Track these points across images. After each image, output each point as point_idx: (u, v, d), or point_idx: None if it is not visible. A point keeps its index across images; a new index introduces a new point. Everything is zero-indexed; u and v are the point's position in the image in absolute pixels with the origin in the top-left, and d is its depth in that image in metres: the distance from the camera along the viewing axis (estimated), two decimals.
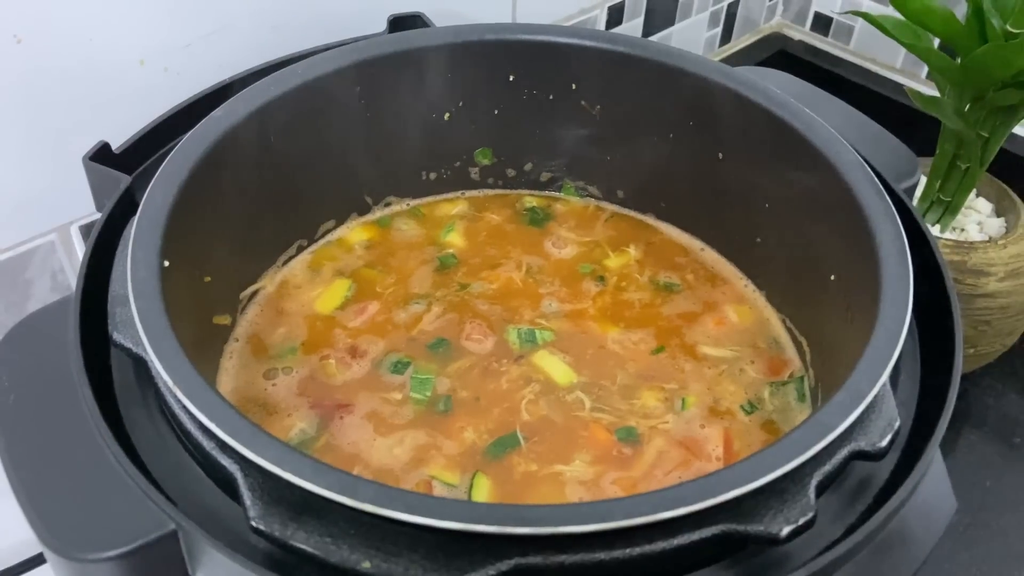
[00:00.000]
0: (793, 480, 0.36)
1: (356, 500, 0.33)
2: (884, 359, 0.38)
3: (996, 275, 0.67)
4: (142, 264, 0.41)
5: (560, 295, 0.57)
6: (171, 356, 0.38)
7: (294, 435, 0.48)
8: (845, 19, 0.99)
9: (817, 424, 0.36)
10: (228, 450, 0.36)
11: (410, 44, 0.56)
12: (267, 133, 0.51)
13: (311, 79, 0.53)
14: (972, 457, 0.72)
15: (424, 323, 0.54)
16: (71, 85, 0.54)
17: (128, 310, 0.40)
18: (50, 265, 0.59)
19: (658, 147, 0.59)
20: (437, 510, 0.33)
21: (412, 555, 0.34)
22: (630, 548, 0.34)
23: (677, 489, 0.34)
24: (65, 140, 0.55)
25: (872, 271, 0.43)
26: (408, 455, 0.47)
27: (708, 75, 0.54)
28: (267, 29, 0.60)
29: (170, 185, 0.45)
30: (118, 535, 0.35)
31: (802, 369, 0.53)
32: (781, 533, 0.34)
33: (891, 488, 0.38)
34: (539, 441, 0.48)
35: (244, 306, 0.54)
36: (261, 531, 0.34)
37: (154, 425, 0.41)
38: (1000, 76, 0.61)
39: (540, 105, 0.60)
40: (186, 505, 0.37)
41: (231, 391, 0.50)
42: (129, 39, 0.55)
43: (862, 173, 0.47)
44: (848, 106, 0.60)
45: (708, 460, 0.48)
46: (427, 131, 0.59)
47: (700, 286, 0.58)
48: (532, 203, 0.64)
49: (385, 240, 0.60)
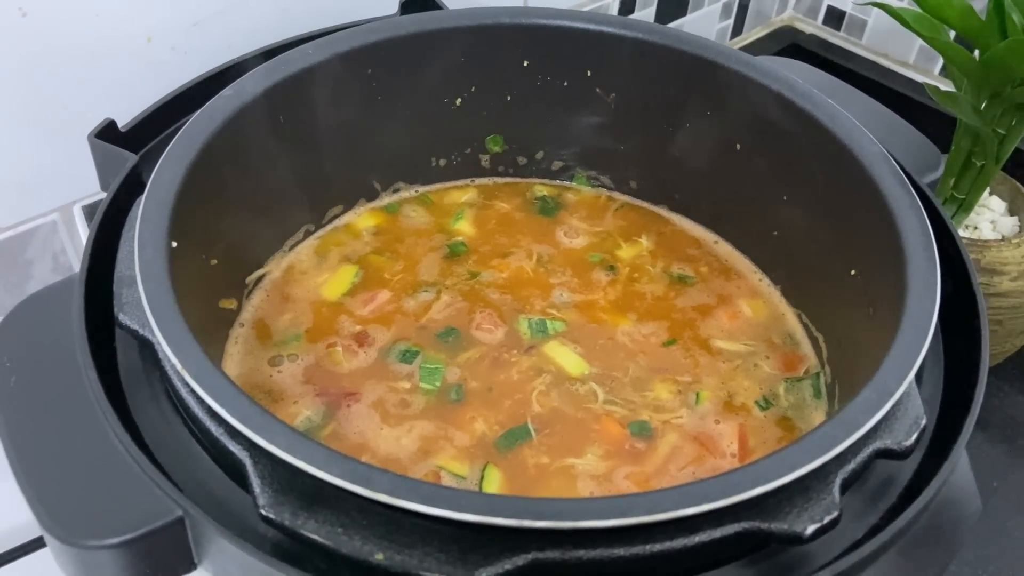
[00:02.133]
0: (818, 478, 0.35)
1: (370, 490, 0.32)
2: (912, 356, 0.37)
3: (1009, 274, 0.66)
4: (149, 244, 0.40)
5: (571, 285, 0.56)
6: (179, 338, 0.37)
7: (300, 423, 0.47)
8: (858, 13, 0.98)
9: (843, 421, 0.35)
10: (238, 436, 0.35)
11: (422, 27, 0.54)
12: (276, 114, 0.50)
13: (321, 60, 0.51)
14: (978, 458, 0.71)
15: (433, 312, 0.53)
16: (77, 61, 0.53)
17: (135, 291, 0.39)
18: (51, 246, 0.58)
19: (673, 137, 0.58)
20: (453, 501, 0.32)
21: (426, 547, 0.33)
22: (650, 544, 0.34)
23: (700, 485, 0.33)
24: (69, 118, 0.54)
25: (897, 266, 0.42)
26: (416, 445, 0.46)
27: (728, 63, 0.53)
28: (277, 9, 0.59)
29: (179, 164, 0.44)
30: (122, 522, 0.34)
31: (818, 365, 0.52)
32: (805, 532, 0.34)
33: (915, 487, 0.38)
34: (550, 433, 0.47)
35: (250, 291, 0.53)
36: (271, 520, 0.33)
37: (160, 410, 0.40)
38: (1019, 72, 0.60)
39: (554, 92, 0.58)
40: (193, 492, 0.36)
41: (236, 377, 0.49)
42: (137, 16, 0.54)
43: (887, 166, 0.46)
44: (868, 98, 0.59)
45: (723, 456, 0.47)
46: (438, 116, 0.58)
47: (714, 279, 0.57)
48: (543, 192, 0.63)
49: (393, 227, 0.59)
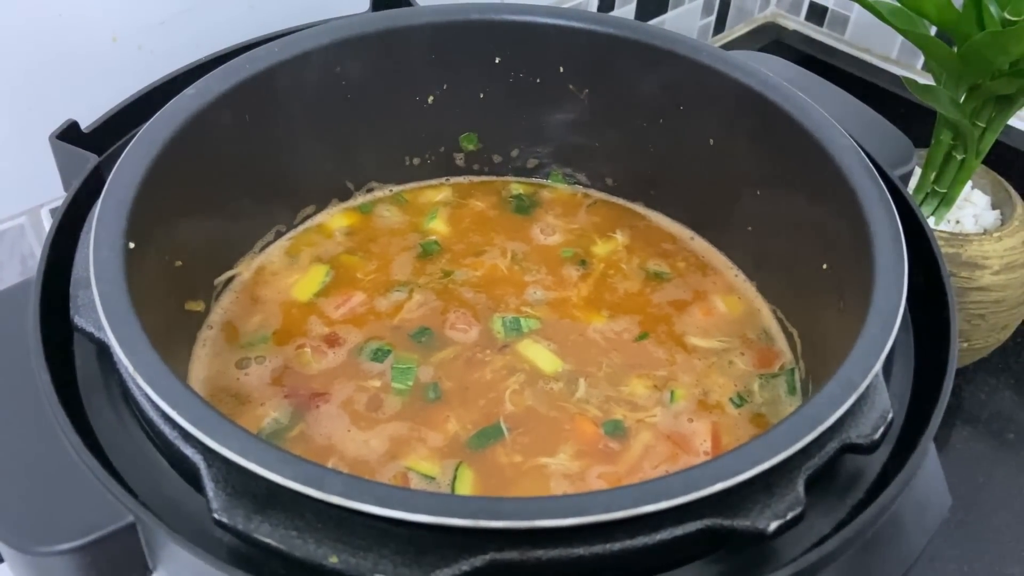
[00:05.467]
0: (781, 473, 0.34)
1: (323, 492, 0.31)
2: (877, 349, 0.37)
3: (991, 268, 0.66)
4: (105, 245, 0.39)
5: (546, 283, 0.55)
6: (133, 341, 0.36)
7: (267, 424, 0.46)
8: (840, 9, 0.98)
9: (807, 415, 0.35)
10: (191, 440, 0.34)
11: (392, 23, 0.54)
12: (242, 113, 0.50)
13: (288, 58, 0.51)
14: (964, 453, 0.71)
15: (406, 312, 0.53)
16: (42, 62, 0.52)
17: (90, 293, 0.38)
18: (19, 249, 0.57)
19: (647, 133, 0.57)
20: (407, 502, 0.31)
21: (382, 550, 0.32)
22: (611, 543, 0.33)
23: (660, 482, 0.33)
24: (34, 120, 0.53)
25: (865, 258, 0.42)
26: (385, 447, 0.46)
27: (699, 58, 0.53)
28: (245, 7, 0.59)
29: (138, 164, 0.43)
30: (73, 527, 0.34)
31: (793, 361, 0.51)
32: (768, 528, 0.33)
33: (883, 483, 0.37)
34: (523, 432, 0.47)
35: (219, 292, 0.53)
36: (224, 524, 0.33)
37: (117, 414, 0.39)
38: (997, 64, 0.60)
39: (527, 89, 0.58)
40: (147, 497, 0.36)
41: (203, 380, 0.48)
42: (101, 15, 0.53)
43: (856, 158, 0.46)
44: (843, 92, 0.58)
45: (696, 455, 0.46)
46: (410, 114, 0.58)
47: (690, 274, 0.57)
48: (518, 190, 0.62)
49: (366, 226, 0.58)
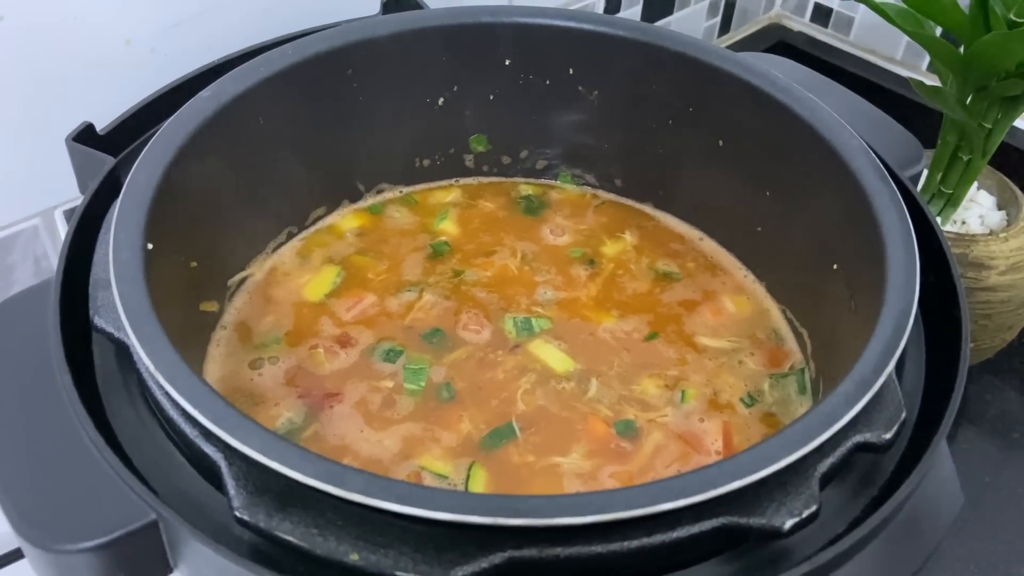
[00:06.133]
0: (797, 472, 0.34)
1: (344, 490, 0.32)
2: (891, 348, 0.37)
3: (997, 268, 0.66)
4: (125, 246, 0.39)
5: (556, 283, 0.56)
6: (153, 341, 0.36)
7: (281, 425, 0.47)
8: (845, 10, 0.98)
9: (822, 414, 0.35)
10: (212, 438, 0.35)
11: (403, 26, 0.54)
12: (255, 115, 0.50)
13: (301, 60, 0.51)
14: (970, 453, 0.71)
15: (418, 312, 0.53)
16: (55, 65, 0.53)
17: (110, 293, 0.38)
18: (33, 250, 0.57)
19: (656, 134, 0.58)
20: (427, 500, 0.32)
21: (401, 547, 0.33)
22: (628, 541, 0.33)
23: (677, 480, 0.33)
24: (49, 121, 0.53)
25: (877, 258, 0.42)
26: (398, 446, 0.46)
27: (709, 60, 0.53)
28: (258, 10, 0.59)
29: (156, 166, 0.43)
30: (96, 525, 0.34)
31: (803, 361, 0.52)
32: (784, 526, 0.33)
33: (896, 481, 0.37)
34: (536, 432, 0.47)
35: (232, 293, 0.53)
36: (245, 522, 0.33)
37: (136, 412, 0.40)
38: (1003, 66, 0.60)
39: (536, 90, 0.58)
40: (168, 495, 0.36)
41: (217, 380, 0.49)
42: (115, 18, 0.54)
43: (866, 159, 0.46)
44: (851, 93, 0.58)
45: (707, 454, 0.47)
46: (421, 116, 0.58)
47: (700, 275, 0.57)
48: (527, 191, 0.62)
49: (377, 227, 0.59)
